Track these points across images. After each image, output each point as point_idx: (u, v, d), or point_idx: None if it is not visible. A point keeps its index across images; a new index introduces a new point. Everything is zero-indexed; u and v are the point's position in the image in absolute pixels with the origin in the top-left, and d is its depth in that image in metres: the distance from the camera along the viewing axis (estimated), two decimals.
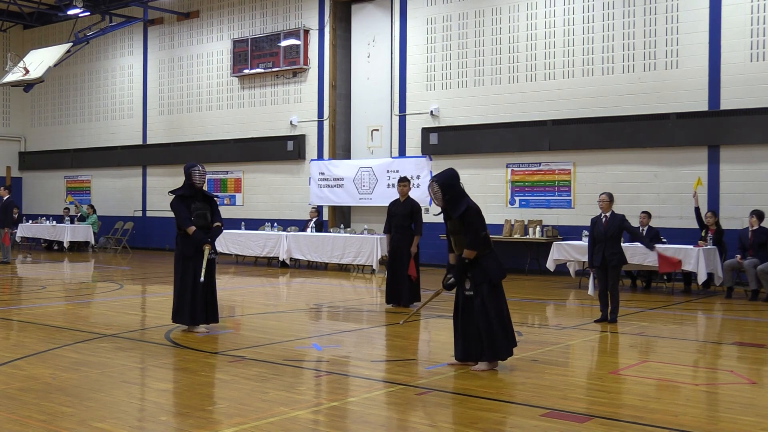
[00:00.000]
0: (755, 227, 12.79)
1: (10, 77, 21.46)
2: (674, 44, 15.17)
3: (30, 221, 23.93)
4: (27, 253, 22.20)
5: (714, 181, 14.74)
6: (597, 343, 8.60)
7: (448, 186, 6.78)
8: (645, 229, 13.79)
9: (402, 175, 14.69)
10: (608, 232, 9.78)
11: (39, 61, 21.08)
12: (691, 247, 12.97)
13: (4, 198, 18.61)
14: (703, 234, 13.52)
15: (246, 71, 21.18)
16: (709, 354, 8.27)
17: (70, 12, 21.98)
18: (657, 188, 15.31)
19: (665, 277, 13.99)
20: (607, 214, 9.91)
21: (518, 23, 17.07)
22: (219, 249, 18.75)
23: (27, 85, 21.82)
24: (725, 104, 14.61)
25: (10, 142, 27.34)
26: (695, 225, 14.20)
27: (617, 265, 9.78)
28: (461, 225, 6.79)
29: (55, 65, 21.03)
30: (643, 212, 14.00)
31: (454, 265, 6.90)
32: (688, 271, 13.01)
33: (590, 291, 10.46)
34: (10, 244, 18.83)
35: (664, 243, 13.47)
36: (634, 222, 13.62)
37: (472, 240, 6.69)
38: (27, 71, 20.84)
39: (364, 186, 19.17)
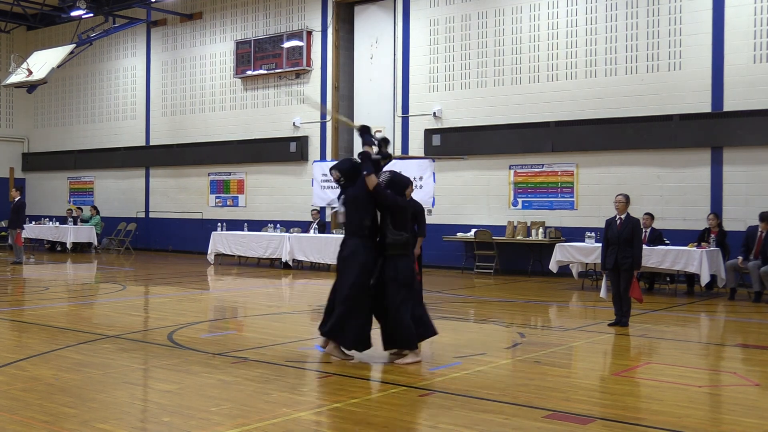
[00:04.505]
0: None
1: (13, 78, 21.49)
2: (677, 45, 15.16)
3: (33, 222, 23.94)
4: (30, 254, 22.21)
5: (717, 183, 14.71)
6: (600, 344, 8.58)
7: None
8: (648, 230, 13.77)
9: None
10: (622, 235, 9.53)
11: (42, 62, 21.10)
12: (694, 248, 12.94)
13: (16, 199, 18.68)
14: (705, 236, 13.50)
15: (249, 72, 21.19)
16: (712, 356, 8.25)
17: (74, 13, 22.01)
18: (660, 190, 15.28)
19: (668, 279, 13.98)
20: (622, 216, 9.67)
21: (521, 25, 17.06)
22: (221, 250, 18.84)
23: (30, 87, 21.86)
24: (728, 106, 14.59)
25: (13, 143, 27.38)
26: (698, 227, 14.21)
27: (629, 269, 9.50)
28: None
29: (58, 66, 21.07)
30: (646, 214, 13.95)
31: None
32: (691, 272, 12.99)
33: (602, 293, 10.39)
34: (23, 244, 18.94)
35: (667, 245, 13.44)
36: None
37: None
38: (30, 72, 20.86)
39: None
